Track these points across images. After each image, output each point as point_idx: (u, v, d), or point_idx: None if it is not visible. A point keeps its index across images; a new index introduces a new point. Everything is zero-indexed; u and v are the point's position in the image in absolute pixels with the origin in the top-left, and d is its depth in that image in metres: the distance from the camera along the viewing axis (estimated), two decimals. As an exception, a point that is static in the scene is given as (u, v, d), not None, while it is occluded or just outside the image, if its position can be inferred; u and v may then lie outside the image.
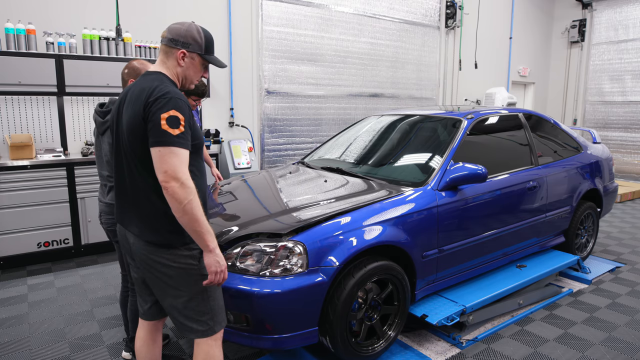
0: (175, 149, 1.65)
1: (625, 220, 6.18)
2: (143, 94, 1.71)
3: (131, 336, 2.60)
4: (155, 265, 1.80)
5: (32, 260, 4.31)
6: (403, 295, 2.73)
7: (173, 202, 1.64)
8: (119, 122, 1.84)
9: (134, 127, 1.71)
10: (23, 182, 4.15)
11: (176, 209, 1.65)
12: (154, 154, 1.66)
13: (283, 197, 3.09)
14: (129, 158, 1.78)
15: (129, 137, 1.74)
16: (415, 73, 8.22)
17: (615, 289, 3.80)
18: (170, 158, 1.63)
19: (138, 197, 1.80)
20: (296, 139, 6.95)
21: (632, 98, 9.55)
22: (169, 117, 1.65)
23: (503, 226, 3.33)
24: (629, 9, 9.47)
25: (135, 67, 2.51)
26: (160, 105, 1.66)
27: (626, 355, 2.81)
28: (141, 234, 1.80)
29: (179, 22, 1.87)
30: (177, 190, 1.62)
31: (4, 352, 2.80)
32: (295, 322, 2.34)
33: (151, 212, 1.78)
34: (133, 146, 1.74)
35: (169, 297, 1.84)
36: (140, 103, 1.70)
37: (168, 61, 1.85)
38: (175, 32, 1.82)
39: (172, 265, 1.78)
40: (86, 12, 4.99)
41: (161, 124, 1.64)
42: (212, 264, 1.75)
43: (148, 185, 1.76)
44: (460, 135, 3.26)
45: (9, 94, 4.35)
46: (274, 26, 6.43)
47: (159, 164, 1.64)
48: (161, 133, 1.64)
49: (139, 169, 1.76)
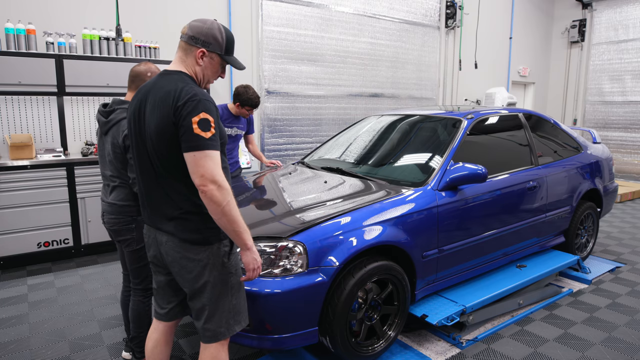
0: (209, 152, 1.64)
1: (625, 220, 6.18)
2: (169, 97, 1.68)
3: (132, 336, 2.59)
4: (188, 264, 1.80)
5: (32, 260, 4.31)
6: (403, 295, 2.73)
7: (212, 205, 1.64)
8: (140, 124, 1.80)
9: (162, 131, 1.69)
10: (23, 182, 4.15)
11: (215, 211, 1.66)
12: (188, 158, 1.65)
13: (283, 198, 3.09)
14: (155, 160, 1.77)
15: (157, 140, 1.72)
16: (415, 73, 8.22)
17: (615, 289, 3.80)
18: (206, 162, 1.63)
19: (168, 198, 1.79)
20: (296, 139, 6.95)
21: (632, 98, 9.55)
22: (199, 120, 1.64)
23: (503, 226, 3.33)
24: (629, 9, 9.47)
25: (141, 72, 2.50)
26: (189, 108, 1.64)
27: (626, 355, 2.81)
28: (177, 232, 1.79)
29: (200, 19, 1.83)
30: (215, 193, 1.62)
31: (4, 352, 2.80)
32: (295, 322, 2.34)
33: (184, 212, 1.77)
34: (160, 149, 1.73)
35: (201, 296, 1.82)
36: (169, 107, 1.67)
37: (187, 59, 1.81)
38: (197, 29, 1.78)
39: (205, 261, 1.79)
40: (86, 12, 4.99)
41: (193, 129, 1.63)
42: (250, 261, 1.78)
43: (177, 186, 1.76)
44: (460, 135, 3.26)
45: (9, 94, 4.35)
46: (274, 26, 6.43)
47: (195, 169, 1.63)
48: (194, 137, 1.63)
49: (168, 171, 1.75)
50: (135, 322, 2.56)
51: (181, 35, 1.81)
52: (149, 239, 1.96)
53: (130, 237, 2.46)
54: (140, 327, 2.56)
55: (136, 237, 2.46)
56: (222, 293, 1.83)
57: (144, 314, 2.55)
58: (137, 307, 2.54)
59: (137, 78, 2.50)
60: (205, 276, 1.80)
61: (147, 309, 2.55)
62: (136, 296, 2.54)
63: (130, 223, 2.45)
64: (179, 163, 1.71)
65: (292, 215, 2.62)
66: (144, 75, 2.49)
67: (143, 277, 2.52)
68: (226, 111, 4.06)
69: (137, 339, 2.58)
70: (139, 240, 2.45)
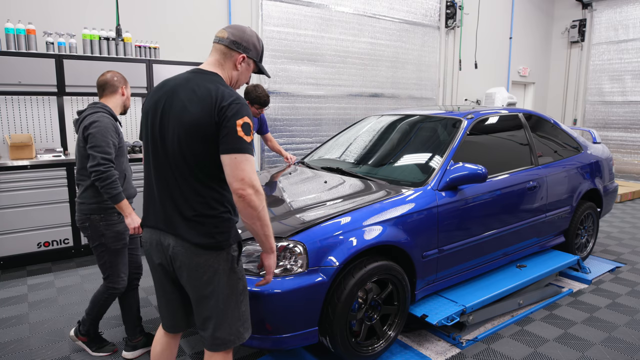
0: (249, 156, 1.64)
1: (625, 220, 6.18)
2: (211, 95, 1.65)
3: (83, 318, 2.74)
4: (198, 269, 1.75)
5: (32, 260, 4.31)
6: (403, 295, 2.73)
7: (248, 209, 1.63)
8: (162, 119, 1.74)
9: (199, 130, 1.65)
10: (23, 182, 4.15)
11: (250, 215, 1.65)
12: (227, 160, 1.62)
13: (283, 198, 3.09)
14: (177, 158, 1.71)
15: (186, 136, 1.67)
16: (415, 73, 8.22)
17: (615, 289, 3.80)
18: (246, 165, 1.62)
19: (183, 199, 1.73)
20: (296, 139, 6.96)
21: (632, 98, 9.55)
22: (243, 123, 1.63)
23: (503, 226, 3.33)
24: (629, 9, 9.48)
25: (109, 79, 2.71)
26: (234, 111, 1.63)
27: (626, 355, 2.81)
28: (189, 235, 1.73)
29: (237, 25, 1.85)
30: (254, 198, 1.62)
31: (4, 352, 2.80)
32: (295, 322, 2.34)
33: (198, 214, 1.72)
34: (192, 148, 1.68)
35: (209, 303, 1.78)
36: (210, 105, 1.64)
37: (225, 63, 1.81)
38: (239, 35, 1.81)
39: (217, 268, 1.75)
40: (86, 12, 4.99)
41: (237, 131, 1.62)
42: (272, 264, 1.82)
43: (197, 187, 1.71)
44: (460, 135, 3.26)
45: (9, 94, 4.35)
46: (274, 26, 6.43)
47: (235, 172, 1.61)
48: (237, 139, 1.62)
49: (190, 170, 1.70)
50: (91, 303, 2.71)
51: (219, 39, 1.81)
52: (151, 244, 1.87)
53: (87, 234, 2.63)
54: (92, 310, 2.71)
55: (91, 235, 2.60)
56: (231, 300, 1.79)
57: (100, 304, 2.70)
58: (98, 294, 2.70)
59: (107, 84, 2.69)
60: (215, 282, 1.76)
61: (103, 301, 2.69)
62: (102, 286, 2.71)
63: (85, 221, 2.59)
64: (206, 163, 1.68)
65: (292, 215, 2.62)
66: (112, 80, 2.70)
67: (106, 274, 2.67)
68: None
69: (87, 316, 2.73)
70: (94, 239, 2.60)
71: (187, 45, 5.67)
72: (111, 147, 2.49)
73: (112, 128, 2.56)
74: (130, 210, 2.53)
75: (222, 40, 1.80)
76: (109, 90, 2.71)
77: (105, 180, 2.41)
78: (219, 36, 1.81)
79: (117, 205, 2.48)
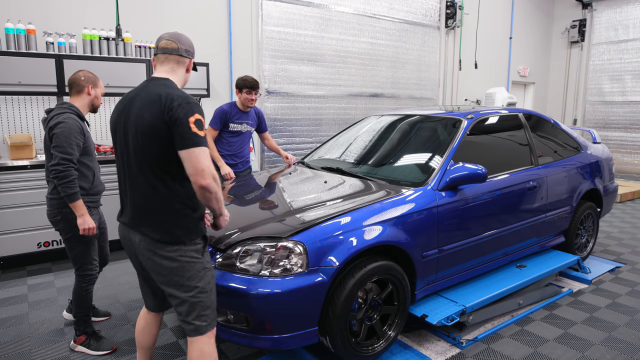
0: (204, 148, 1.79)
1: (625, 220, 6.18)
2: (160, 99, 1.80)
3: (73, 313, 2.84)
4: (162, 262, 1.89)
5: (32, 260, 4.31)
6: (403, 295, 2.73)
7: (208, 195, 1.80)
8: (125, 126, 1.90)
9: (153, 131, 1.80)
10: (23, 182, 4.15)
11: (210, 198, 1.82)
12: (186, 155, 1.76)
13: (283, 198, 3.09)
14: (142, 161, 1.86)
15: (146, 141, 1.82)
16: (415, 73, 8.22)
17: (615, 289, 3.80)
18: (203, 157, 1.78)
19: (151, 198, 1.88)
20: (296, 139, 6.96)
21: (632, 98, 9.55)
22: (195, 120, 1.78)
23: (503, 226, 3.33)
24: (629, 9, 9.47)
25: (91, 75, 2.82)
26: (185, 110, 1.77)
27: (626, 355, 2.81)
28: (152, 232, 1.89)
29: (175, 33, 2.01)
30: (212, 184, 1.79)
31: (4, 352, 2.80)
32: (295, 322, 2.34)
33: (164, 213, 1.88)
34: (150, 149, 1.83)
35: (177, 292, 1.91)
36: (160, 108, 1.79)
37: (178, 69, 1.99)
38: (187, 42, 2.00)
39: (178, 259, 1.88)
40: (86, 12, 4.99)
41: (191, 127, 1.76)
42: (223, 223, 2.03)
43: (166, 186, 1.86)
44: (460, 135, 3.26)
45: (9, 94, 4.35)
46: (274, 26, 6.43)
47: (195, 164, 1.76)
48: (192, 135, 1.76)
49: (156, 172, 1.85)
50: (74, 303, 2.81)
51: (171, 50, 1.97)
52: (124, 238, 2.05)
53: (58, 227, 2.74)
54: (79, 308, 2.80)
55: (63, 228, 2.72)
56: (198, 289, 1.91)
57: (82, 297, 2.79)
58: (76, 290, 2.80)
59: (74, 84, 2.77)
60: (180, 275, 1.89)
61: (85, 293, 2.80)
62: (76, 281, 2.81)
63: (57, 215, 2.71)
64: (164, 163, 1.84)
65: (292, 215, 2.62)
66: (78, 80, 2.77)
67: (79, 264, 2.78)
68: (234, 108, 4.08)
69: (76, 318, 2.82)
70: (67, 231, 2.71)
71: (187, 45, 5.66)
72: (74, 148, 2.60)
73: (77, 129, 2.65)
74: (83, 212, 2.63)
75: (174, 50, 1.97)
76: (75, 90, 2.79)
77: (63, 180, 2.53)
78: (169, 47, 1.97)
79: (72, 204, 2.59)
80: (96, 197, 2.85)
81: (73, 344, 2.84)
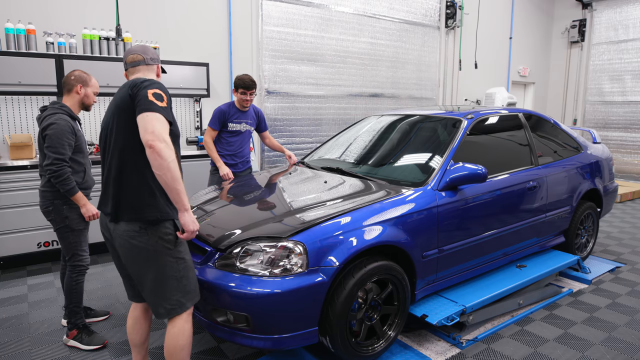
0: (160, 116, 1.88)
1: (625, 220, 6.18)
2: (130, 84, 2.00)
3: (64, 305, 2.91)
4: (133, 249, 1.99)
5: (32, 260, 4.31)
6: (403, 295, 2.73)
7: (158, 159, 1.82)
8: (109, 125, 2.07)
9: (123, 106, 1.96)
10: (23, 182, 4.15)
11: (160, 166, 1.83)
12: (141, 119, 1.86)
13: (283, 198, 3.09)
14: (119, 140, 1.99)
15: (117, 116, 1.99)
16: (415, 73, 8.22)
17: (615, 289, 3.80)
18: (157, 122, 1.86)
19: (120, 186, 2.00)
20: (296, 139, 6.95)
21: (632, 98, 9.55)
22: (154, 92, 1.91)
23: (503, 226, 3.33)
24: (629, 9, 9.47)
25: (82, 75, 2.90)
26: (146, 85, 1.94)
27: (626, 355, 2.81)
28: (121, 217, 1.99)
29: (141, 45, 2.23)
30: (163, 147, 1.82)
31: (4, 352, 2.80)
32: (295, 322, 2.34)
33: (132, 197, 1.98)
34: (119, 128, 1.98)
35: (146, 279, 2.03)
36: (128, 87, 1.98)
37: (149, 75, 2.17)
38: (151, 52, 2.21)
39: (149, 248, 1.98)
40: (86, 12, 4.99)
41: (148, 96, 1.89)
42: (189, 222, 1.99)
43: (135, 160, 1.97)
44: (460, 135, 3.26)
45: (9, 94, 4.35)
46: (274, 26, 6.43)
47: (147, 126, 1.84)
48: (148, 102, 1.88)
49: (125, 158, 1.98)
50: (66, 294, 2.87)
51: (138, 62, 2.15)
52: (103, 226, 2.17)
53: (50, 218, 2.82)
54: (70, 299, 2.86)
55: (55, 218, 2.81)
56: (168, 275, 2.02)
57: (73, 289, 2.86)
58: (67, 282, 2.86)
59: (65, 83, 2.88)
60: (151, 261, 1.99)
61: (75, 284, 2.86)
62: (68, 271, 2.88)
63: (49, 206, 2.79)
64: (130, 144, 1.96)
65: (292, 215, 2.62)
66: (68, 79, 2.87)
67: (70, 254, 2.86)
68: (233, 107, 4.08)
69: (67, 309, 2.88)
70: (58, 222, 2.80)
71: (187, 45, 5.67)
72: (65, 148, 2.71)
73: (68, 129, 2.75)
74: (84, 201, 2.79)
75: (141, 62, 2.16)
76: (66, 89, 2.89)
77: (58, 178, 2.67)
78: (136, 60, 2.15)
79: (73, 197, 2.75)
80: (87, 192, 2.95)
81: (65, 338, 2.90)
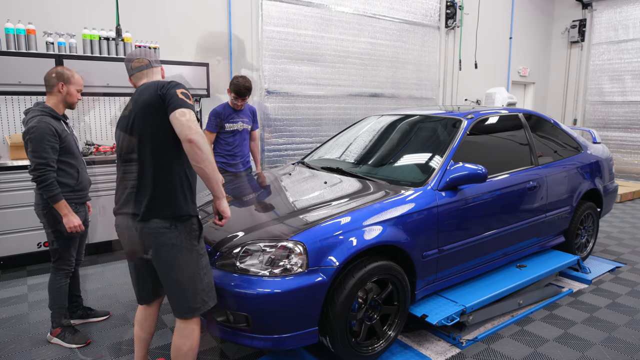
0: (191, 111, 1.94)
1: (625, 220, 6.18)
2: (155, 85, 2.03)
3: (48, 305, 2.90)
4: (164, 246, 2.02)
5: (32, 260, 4.31)
6: (403, 295, 2.73)
7: (199, 152, 1.87)
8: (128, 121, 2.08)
9: (152, 106, 1.98)
10: (23, 182, 4.15)
11: (201, 159, 1.89)
12: (176, 115, 1.89)
13: (284, 198, 3.09)
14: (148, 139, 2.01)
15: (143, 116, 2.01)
16: (415, 73, 8.22)
17: (615, 289, 3.80)
18: (192, 117, 1.92)
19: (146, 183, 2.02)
20: (296, 139, 6.95)
21: (632, 98, 9.55)
22: (182, 92, 1.98)
23: (503, 226, 3.33)
24: (629, 9, 9.47)
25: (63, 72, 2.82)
26: (173, 85, 2.00)
27: (626, 355, 2.81)
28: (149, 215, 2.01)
29: (137, 49, 2.27)
30: (202, 141, 1.88)
31: (4, 352, 2.80)
32: (295, 322, 2.34)
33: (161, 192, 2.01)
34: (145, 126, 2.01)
35: (173, 275, 2.06)
36: (155, 89, 2.01)
37: (156, 78, 2.22)
38: (153, 55, 2.27)
39: (178, 244, 2.03)
40: (86, 12, 4.99)
41: (178, 94, 1.95)
42: (227, 209, 2.12)
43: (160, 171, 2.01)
44: (460, 135, 3.26)
45: (9, 94, 4.34)
46: (274, 26, 6.43)
47: (185, 122, 1.88)
48: (180, 100, 1.94)
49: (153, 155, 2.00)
50: (50, 296, 2.88)
51: (145, 66, 2.20)
52: (122, 228, 2.17)
53: (43, 221, 2.81)
54: (54, 301, 2.87)
55: (47, 222, 2.79)
56: (194, 273, 2.06)
57: (56, 290, 2.86)
58: (51, 283, 2.87)
59: (47, 82, 2.80)
60: (178, 258, 2.03)
61: (59, 286, 2.87)
62: (51, 273, 2.88)
63: (44, 209, 2.76)
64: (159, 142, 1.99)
65: (292, 216, 2.62)
66: (49, 77, 2.79)
67: (56, 257, 2.86)
68: (227, 108, 4.08)
69: (52, 310, 2.89)
70: (50, 225, 2.79)
71: (187, 45, 5.67)
72: (48, 152, 2.63)
73: (49, 131, 2.65)
74: (67, 211, 2.70)
75: (147, 65, 2.22)
76: (48, 89, 2.82)
77: (41, 184, 2.60)
78: (142, 64, 2.21)
79: (55, 205, 2.64)
80: (83, 193, 2.90)
81: (49, 335, 2.91)
